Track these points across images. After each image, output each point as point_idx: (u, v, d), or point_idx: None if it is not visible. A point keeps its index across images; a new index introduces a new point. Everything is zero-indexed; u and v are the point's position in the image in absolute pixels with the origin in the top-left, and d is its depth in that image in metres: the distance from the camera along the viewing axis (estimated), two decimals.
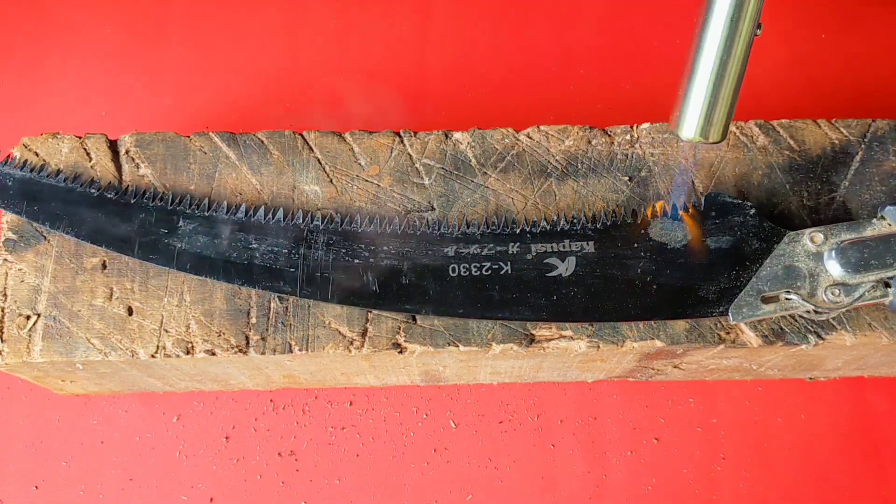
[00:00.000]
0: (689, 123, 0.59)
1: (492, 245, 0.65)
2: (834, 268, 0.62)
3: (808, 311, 0.63)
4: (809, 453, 0.78)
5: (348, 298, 0.65)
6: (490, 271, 0.64)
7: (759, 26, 0.57)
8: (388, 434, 0.79)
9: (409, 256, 0.65)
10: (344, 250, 0.66)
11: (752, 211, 0.65)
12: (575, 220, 0.67)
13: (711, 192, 0.67)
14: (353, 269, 0.65)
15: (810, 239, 0.63)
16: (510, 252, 0.65)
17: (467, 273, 0.65)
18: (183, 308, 0.66)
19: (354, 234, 0.66)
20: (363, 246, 0.66)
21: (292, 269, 0.65)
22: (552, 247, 0.65)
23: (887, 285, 0.62)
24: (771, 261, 0.63)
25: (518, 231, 0.66)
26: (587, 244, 0.65)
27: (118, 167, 0.71)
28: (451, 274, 0.65)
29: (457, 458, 0.78)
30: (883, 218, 0.64)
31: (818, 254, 0.63)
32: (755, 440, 0.78)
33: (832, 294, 0.62)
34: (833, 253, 0.62)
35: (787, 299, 0.62)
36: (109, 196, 0.68)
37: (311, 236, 0.66)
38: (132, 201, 0.68)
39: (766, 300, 0.63)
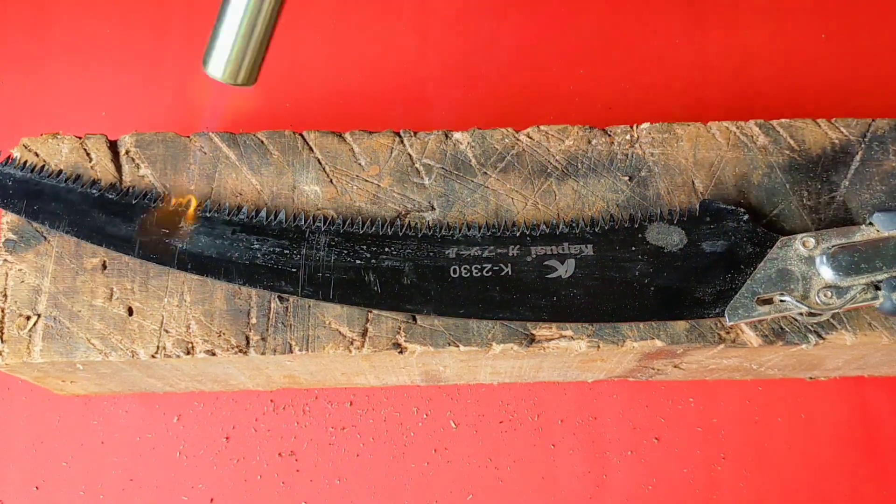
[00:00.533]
0: (216, 63, 0.59)
1: (492, 247, 0.66)
2: (825, 271, 0.63)
3: (802, 313, 0.64)
4: (809, 453, 0.78)
5: (349, 298, 0.65)
6: (491, 273, 0.65)
7: None
8: (389, 434, 0.79)
9: (410, 258, 0.65)
10: (346, 251, 0.66)
11: (746, 217, 0.66)
12: (574, 224, 0.67)
13: (705, 199, 0.68)
14: (355, 270, 0.65)
15: (802, 244, 0.65)
16: (510, 255, 0.66)
17: (468, 274, 0.65)
18: (183, 308, 0.66)
19: (356, 235, 0.67)
20: (364, 247, 0.66)
21: (294, 270, 0.65)
22: (552, 249, 0.66)
23: (877, 287, 0.63)
24: (765, 264, 0.64)
25: (518, 234, 0.67)
26: (585, 247, 0.66)
27: (118, 167, 0.71)
28: (453, 275, 0.65)
29: (457, 458, 0.78)
30: (871, 224, 0.65)
31: (810, 258, 0.64)
32: (755, 440, 0.78)
33: (824, 296, 0.63)
34: (824, 258, 0.64)
35: (781, 301, 0.64)
36: (110, 196, 0.68)
37: (313, 237, 0.66)
38: (133, 202, 0.68)
39: (761, 302, 0.64)
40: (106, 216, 0.67)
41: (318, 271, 0.65)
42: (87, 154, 0.71)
